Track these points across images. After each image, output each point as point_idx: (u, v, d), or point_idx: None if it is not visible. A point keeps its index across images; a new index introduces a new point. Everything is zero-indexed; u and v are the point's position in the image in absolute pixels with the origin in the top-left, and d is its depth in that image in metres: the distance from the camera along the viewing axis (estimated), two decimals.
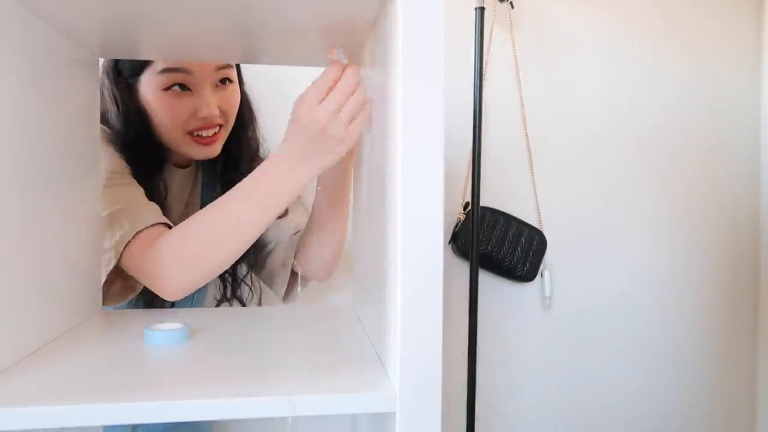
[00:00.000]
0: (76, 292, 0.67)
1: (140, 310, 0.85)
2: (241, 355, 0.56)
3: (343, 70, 0.64)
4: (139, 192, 0.82)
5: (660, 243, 1.56)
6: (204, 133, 0.89)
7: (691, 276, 1.58)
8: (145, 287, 0.83)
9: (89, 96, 0.72)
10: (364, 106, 0.64)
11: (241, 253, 0.74)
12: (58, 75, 0.62)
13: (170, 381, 0.48)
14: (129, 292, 0.84)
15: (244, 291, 1.07)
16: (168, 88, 0.86)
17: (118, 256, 0.75)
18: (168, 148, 0.91)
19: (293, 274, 0.98)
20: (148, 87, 0.86)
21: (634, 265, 1.55)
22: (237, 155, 0.98)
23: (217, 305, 1.04)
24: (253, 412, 0.44)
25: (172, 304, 0.94)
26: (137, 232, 0.75)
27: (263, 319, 0.72)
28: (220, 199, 0.72)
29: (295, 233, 0.98)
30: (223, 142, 0.93)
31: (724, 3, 1.56)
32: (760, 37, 1.59)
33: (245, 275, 1.05)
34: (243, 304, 1.06)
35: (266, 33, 0.65)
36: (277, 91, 1.22)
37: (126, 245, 0.75)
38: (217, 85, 0.89)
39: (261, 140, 1.03)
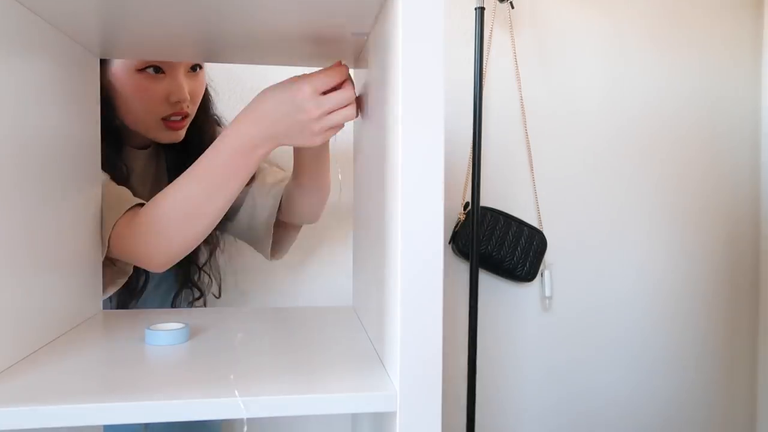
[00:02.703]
0: (76, 292, 0.67)
1: (140, 310, 0.85)
2: (241, 355, 0.56)
3: (347, 78, 0.67)
4: (105, 179, 0.81)
5: (660, 243, 1.56)
6: (174, 118, 0.89)
7: (692, 275, 1.58)
8: (135, 269, 0.85)
9: (89, 96, 0.72)
10: (343, 123, 0.68)
11: (218, 220, 0.75)
12: (58, 75, 0.62)
13: (170, 381, 0.48)
14: (120, 275, 0.84)
15: (204, 279, 1.07)
16: (142, 70, 0.84)
17: (105, 248, 0.76)
18: (132, 129, 0.90)
19: (283, 229, 0.99)
20: (121, 66, 0.84)
21: (635, 265, 1.55)
22: (200, 139, 0.97)
23: (177, 294, 1.03)
24: (253, 411, 0.44)
25: (141, 294, 0.94)
26: (116, 222, 0.75)
27: (263, 318, 0.72)
28: (186, 172, 0.73)
29: (272, 188, 0.98)
30: (186, 128, 0.93)
31: (725, 3, 1.56)
32: (760, 37, 1.59)
33: (204, 263, 1.06)
34: (201, 292, 1.06)
35: (269, 34, 0.65)
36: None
37: (109, 237, 0.75)
38: (188, 71, 0.89)
39: (218, 125, 1.04)
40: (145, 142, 0.97)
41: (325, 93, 0.66)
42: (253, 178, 0.99)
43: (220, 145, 0.71)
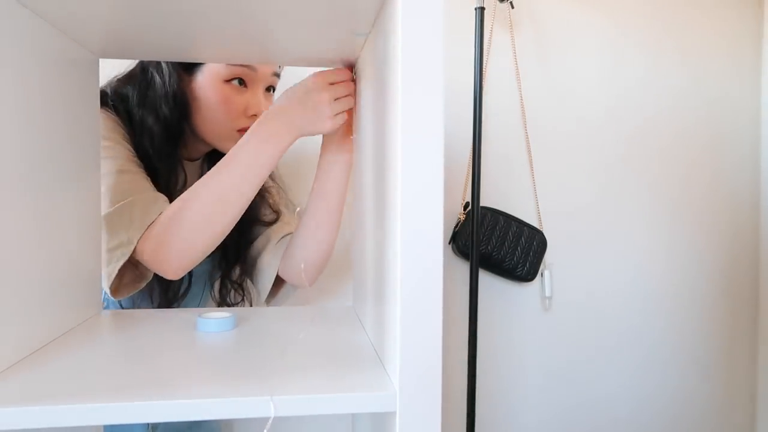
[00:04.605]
0: (76, 292, 0.67)
1: (141, 310, 0.85)
2: (241, 355, 0.56)
3: (349, 77, 0.78)
4: (146, 181, 0.83)
5: (660, 243, 1.56)
6: None
7: (692, 275, 1.58)
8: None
9: (89, 96, 0.72)
10: (350, 106, 0.78)
11: (233, 225, 0.79)
12: (58, 75, 0.62)
13: (170, 380, 0.48)
14: (141, 279, 0.84)
15: (236, 298, 1.08)
16: (229, 81, 0.89)
17: (132, 249, 0.76)
18: (200, 139, 0.94)
19: (279, 279, 0.98)
20: (211, 76, 0.88)
21: (635, 264, 1.55)
22: None
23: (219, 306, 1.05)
24: (253, 411, 0.44)
25: (182, 299, 0.94)
26: (149, 225, 0.77)
27: (262, 318, 0.72)
28: (209, 172, 0.77)
29: (283, 236, 0.99)
30: None
31: (725, 2, 1.56)
32: (760, 36, 1.59)
33: (240, 283, 1.06)
34: (231, 304, 1.07)
35: (270, 35, 0.65)
36: None
37: (140, 239, 0.76)
38: (264, 91, 0.93)
39: None
40: (197, 154, 1.00)
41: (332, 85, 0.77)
42: (277, 220, 1.01)
43: (247, 138, 0.77)
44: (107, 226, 0.77)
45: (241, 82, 0.90)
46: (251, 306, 1.11)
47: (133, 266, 0.82)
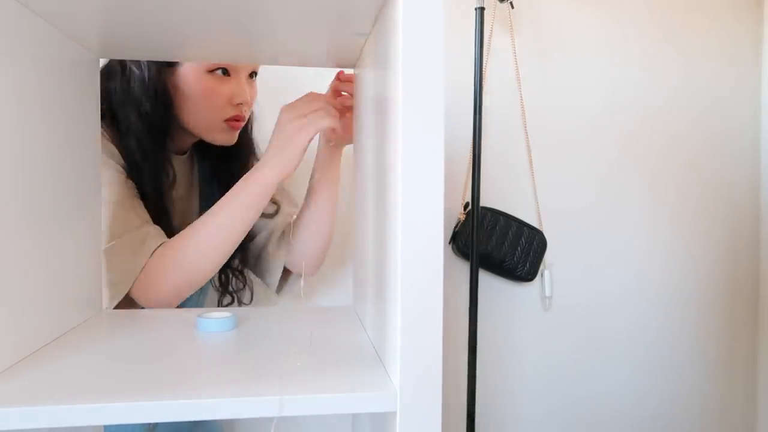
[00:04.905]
0: (76, 292, 0.67)
1: (141, 310, 0.85)
2: (241, 355, 0.56)
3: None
4: (137, 216, 0.83)
5: (660, 243, 1.56)
6: (235, 119, 0.93)
7: (692, 275, 1.58)
8: None
9: (89, 96, 0.72)
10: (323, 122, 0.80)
11: (224, 262, 0.82)
12: (58, 75, 0.62)
13: (170, 381, 0.48)
14: (132, 304, 0.85)
15: (238, 285, 1.08)
16: (212, 71, 0.89)
17: (127, 290, 0.78)
18: (187, 132, 0.93)
19: (285, 269, 1.01)
20: (193, 68, 0.88)
21: (635, 265, 1.55)
22: (235, 149, 0.99)
23: (219, 301, 1.06)
24: (253, 411, 0.44)
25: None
26: (143, 267, 0.79)
27: (262, 318, 0.72)
28: (206, 214, 0.80)
29: (286, 227, 1.01)
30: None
31: (725, 3, 1.56)
32: (760, 36, 1.59)
33: (240, 270, 1.07)
34: (239, 300, 1.07)
35: (269, 35, 0.65)
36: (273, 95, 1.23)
37: (134, 280, 0.78)
38: (247, 77, 0.93)
39: (256, 139, 1.06)
40: (184, 148, 1.00)
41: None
42: (277, 212, 1.02)
43: (242, 181, 0.81)
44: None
45: (225, 71, 0.90)
46: (252, 294, 1.12)
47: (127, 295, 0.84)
